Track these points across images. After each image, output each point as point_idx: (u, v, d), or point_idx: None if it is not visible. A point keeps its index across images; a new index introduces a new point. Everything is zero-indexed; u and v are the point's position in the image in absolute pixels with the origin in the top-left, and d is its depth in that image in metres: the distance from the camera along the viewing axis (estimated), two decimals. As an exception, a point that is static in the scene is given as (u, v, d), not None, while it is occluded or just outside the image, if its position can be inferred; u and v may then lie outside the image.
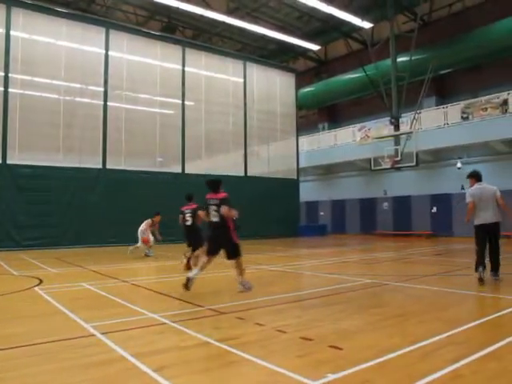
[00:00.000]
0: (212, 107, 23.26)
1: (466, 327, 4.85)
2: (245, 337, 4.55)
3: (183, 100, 22.01)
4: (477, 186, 8.07)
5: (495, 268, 7.97)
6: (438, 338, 4.42)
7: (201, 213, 7.70)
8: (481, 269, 7.72)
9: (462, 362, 3.67)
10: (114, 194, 19.27)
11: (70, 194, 18.43)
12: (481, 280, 7.69)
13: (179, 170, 21.78)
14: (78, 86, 19.22)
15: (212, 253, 7.13)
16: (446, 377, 3.37)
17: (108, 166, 19.55)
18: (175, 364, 3.75)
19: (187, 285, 6.83)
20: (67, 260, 13.07)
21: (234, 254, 7.10)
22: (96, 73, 19.57)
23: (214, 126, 23.29)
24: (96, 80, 19.58)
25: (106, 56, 19.79)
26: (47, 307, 6.14)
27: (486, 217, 7.84)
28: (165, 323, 5.14)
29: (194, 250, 9.95)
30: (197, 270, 7.04)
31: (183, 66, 22.14)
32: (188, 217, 10.25)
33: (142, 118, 20.86)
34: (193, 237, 10.07)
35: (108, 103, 19.71)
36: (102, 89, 19.59)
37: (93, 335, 4.60)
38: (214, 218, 7.12)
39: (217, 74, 23.85)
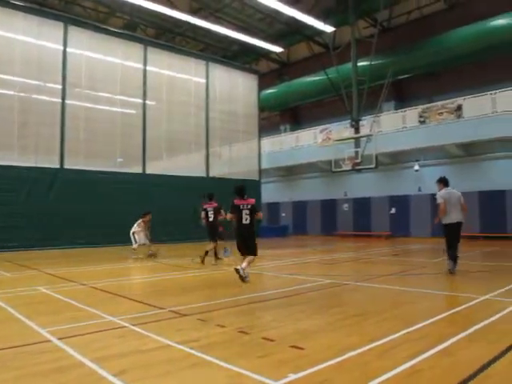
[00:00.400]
0: (174, 107, 23.02)
1: (421, 325, 5.00)
2: (206, 339, 4.54)
3: (144, 100, 21.68)
4: (445, 190, 9.29)
5: (454, 260, 9.02)
6: (395, 335, 4.55)
7: (229, 215, 8.60)
8: (451, 262, 8.90)
9: (419, 359, 3.79)
10: (73, 194, 18.74)
11: (25, 194, 17.81)
12: (450, 272, 8.87)
13: (140, 171, 21.44)
14: (35, 82, 18.59)
15: (243, 252, 8.23)
16: (403, 373, 3.48)
17: (66, 166, 19.01)
18: (135, 368, 3.69)
19: (243, 278, 7.78)
20: (23, 263, 12.64)
21: (254, 252, 8.24)
22: (54, 69, 18.96)
23: (175, 126, 23.05)
24: (54, 77, 18.97)
25: (65, 52, 19.21)
26: (0, 313, 5.93)
27: (452, 217, 9.02)
28: (125, 326, 5.06)
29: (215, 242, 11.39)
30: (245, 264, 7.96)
31: (145, 65, 21.81)
32: (211, 214, 11.52)
33: (102, 117, 20.39)
34: (214, 231, 11.45)
35: (66, 101, 19.16)
36: (59, 86, 19.01)
37: (49, 341, 4.47)
38: (246, 221, 8.26)
39: (179, 74, 23.63)
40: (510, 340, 4.38)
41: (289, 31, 25.95)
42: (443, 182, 9.51)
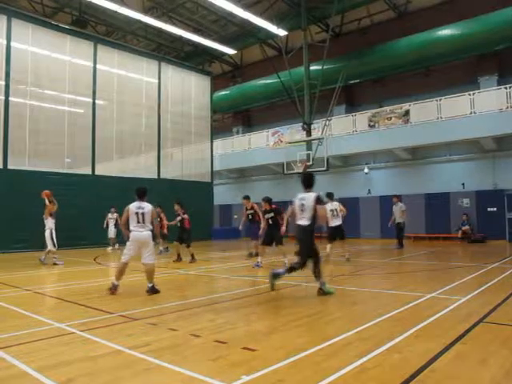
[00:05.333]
0: (124, 107, 22.55)
1: (371, 323, 5.13)
2: (158, 343, 4.46)
3: (94, 99, 21.08)
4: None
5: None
6: (346, 335, 4.64)
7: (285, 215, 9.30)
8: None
9: (368, 357, 3.89)
10: (17, 196, 17.96)
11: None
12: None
13: (89, 172, 20.83)
14: (-25, 78, 17.73)
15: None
16: (352, 371, 3.55)
17: (10, 167, 18.19)
18: (84, 375, 3.57)
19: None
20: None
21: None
22: (-4, 65, 18.16)
23: (126, 126, 22.58)
24: (-4, 73, 18.17)
25: (8, 47, 18.36)
26: None
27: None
28: (72, 333, 4.89)
29: (277, 244, 11.33)
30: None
31: (94, 63, 21.21)
32: (270, 217, 11.39)
33: (48, 116, 19.65)
34: (276, 233, 11.12)
35: (10, 98, 18.35)
36: (2, 82, 18.19)
37: (-10, 349, 4.25)
38: (270, 221, 10.62)
39: (130, 74, 23.16)
40: (454, 335, 4.57)
41: (242, 34, 26.00)
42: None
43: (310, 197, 7.08)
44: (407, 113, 21.86)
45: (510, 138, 19.52)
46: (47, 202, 12.80)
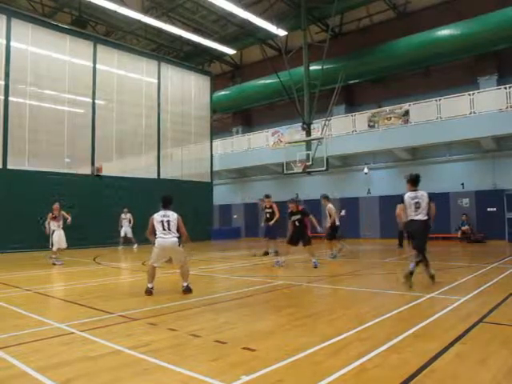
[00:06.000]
0: (124, 107, 22.54)
1: (371, 323, 5.13)
2: (157, 343, 4.46)
3: (94, 99, 21.07)
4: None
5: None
6: (345, 335, 4.64)
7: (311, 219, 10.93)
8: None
9: (367, 357, 3.88)
10: (17, 196, 17.97)
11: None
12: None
13: (88, 172, 20.82)
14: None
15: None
16: (351, 372, 3.55)
17: (9, 166, 18.18)
18: (83, 375, 3.57)
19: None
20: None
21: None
22: (-4, 65, 18.15)
23: (126, 126, 22.57)
24: (-4, 73, 18.16)
25: (8, 46, 18.36)
26: None
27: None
28: (72, 333, 4.89)
29: (306, 245, 11.19)
30: None
31: (94, 63, 21.20)
32: (297, 219, 11.25)
33: (48, 115, 19.64)
34: (304, 234, 11.22)
35: (10, 98, 18.35)
36: (2, 82, 18.19)
37: (-11, 350, 4.25)
38: (297, 223, 10.98)
39: (130, 74, 23.16)
40: (454, 335, 4.57)
41: (242, 34, 25.99)
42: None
43: (423, 195, 7.75)
44: (407, 113, 21.86)
45: (509, 137, 19.52)
46: (50, 214, 12.92)
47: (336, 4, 20.70)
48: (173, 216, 7.64)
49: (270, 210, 13.67)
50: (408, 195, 7.81)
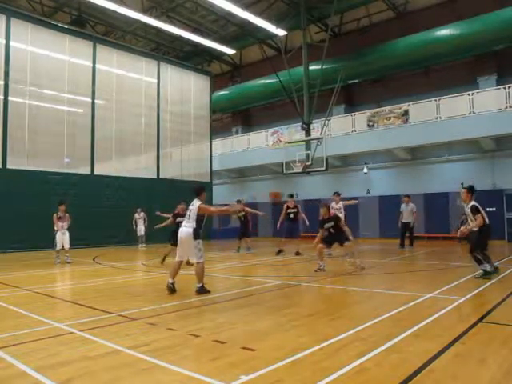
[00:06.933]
0: (124, 107, 22.53)
1: (370, 323, 5.13)
2: (157, 343, 4.46)
3: (93, 98, 21.06)
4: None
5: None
6: (345, 334, 4.64)
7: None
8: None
9: (367, 357, 3.88)
10: (16, 195, 17.95)
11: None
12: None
13: (88, 171, 20.82)
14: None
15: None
16: (351, 371, 3.55)
17: (9, 166, 18.17)
18: (82, 375, 3.57)
19: None
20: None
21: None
22: (-5, 65, 18.13)
23: (125, 126, 22.56)
24: (-5, 73, 18.14)
25: (7, 46, 18.34)
26: None
27: None
28: (71, 332, 4.88)
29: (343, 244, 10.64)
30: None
31: (94, 62, 21.20)
32: (331, 226, 10.59)
33: (48, 115, 19.64)
34: (340, 236, 10.47)
35: (9, 98, 18.34)
36: (1, 82, 18.17)
37: (-11, 349, 4.24)
38: (332, 230, 10.22)
39: (129, 73, 23.15)
40: (453, 335, 4.57)
41: (242, 33, 25.98)
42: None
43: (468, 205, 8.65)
44: (406, 113, 21.86)
45: (509, 137, 19.53)
46: (56, 215, 13.15)
47: (335, 4, 20.70)
48: (196, 204, 7.18)
49: (294, 210, 14.12)
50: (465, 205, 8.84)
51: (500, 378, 3.43)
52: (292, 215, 14.14)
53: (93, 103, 21.03)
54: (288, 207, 14.30)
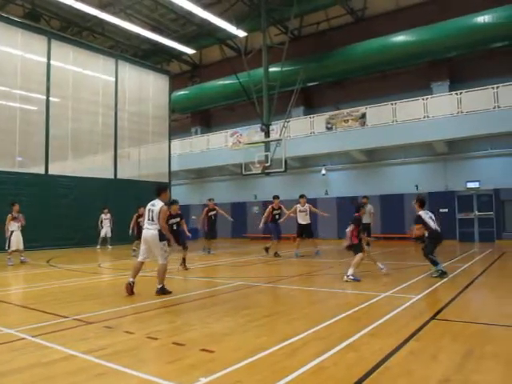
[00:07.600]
0: (80, 105, 21.91)
1: (329, 322, 5.21)
2: (113, 346, 4.37)
3: (48, 96, 20.36)
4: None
5: None
6: (304, 334, 4.69)
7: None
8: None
9: (325, 356, 3.94)
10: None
11: None
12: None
13: (42, 171, 20.12)
14: None
15: None
16: (310, 370, 3.59)
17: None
18: (36, 382, 3.45)
19: None
20: None
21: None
22: None
23: (82, 125, 21.95)
24: None
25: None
26: None
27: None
28: (24, 338, 4.71)
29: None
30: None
31: (48, 59, 20.49)
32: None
33: (-2, 112, 18.91)
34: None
35: (-43, 94, 17.56)
36: None
37: None
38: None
39: (86, 71, 22.54)
40: (408, 332, 4.70)
41: (201, 33, 25.82)
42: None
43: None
44: (364, 116, 22.33)
45: (460, 141, 20.33)
46: (10, 215, 13.04)
47: (295, 7, 20.92)
48: (158, 206, 7.20)
49: (278, 212, 14.22)
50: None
51: (451, 372, 3.56)
52: (277, 216, 14.30)
53: (47, 100, 20.33)
54: (273, 208, 14.38)
